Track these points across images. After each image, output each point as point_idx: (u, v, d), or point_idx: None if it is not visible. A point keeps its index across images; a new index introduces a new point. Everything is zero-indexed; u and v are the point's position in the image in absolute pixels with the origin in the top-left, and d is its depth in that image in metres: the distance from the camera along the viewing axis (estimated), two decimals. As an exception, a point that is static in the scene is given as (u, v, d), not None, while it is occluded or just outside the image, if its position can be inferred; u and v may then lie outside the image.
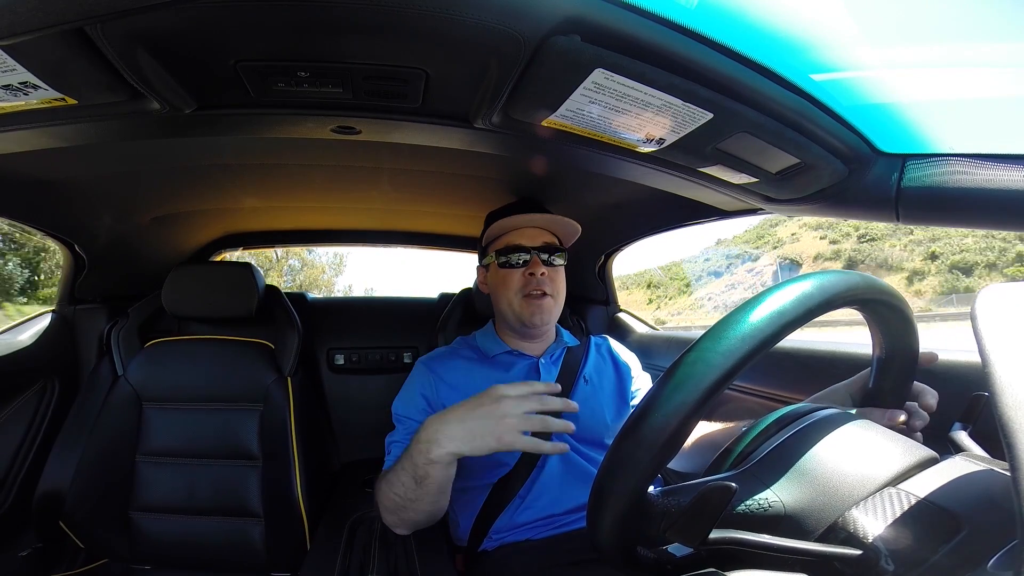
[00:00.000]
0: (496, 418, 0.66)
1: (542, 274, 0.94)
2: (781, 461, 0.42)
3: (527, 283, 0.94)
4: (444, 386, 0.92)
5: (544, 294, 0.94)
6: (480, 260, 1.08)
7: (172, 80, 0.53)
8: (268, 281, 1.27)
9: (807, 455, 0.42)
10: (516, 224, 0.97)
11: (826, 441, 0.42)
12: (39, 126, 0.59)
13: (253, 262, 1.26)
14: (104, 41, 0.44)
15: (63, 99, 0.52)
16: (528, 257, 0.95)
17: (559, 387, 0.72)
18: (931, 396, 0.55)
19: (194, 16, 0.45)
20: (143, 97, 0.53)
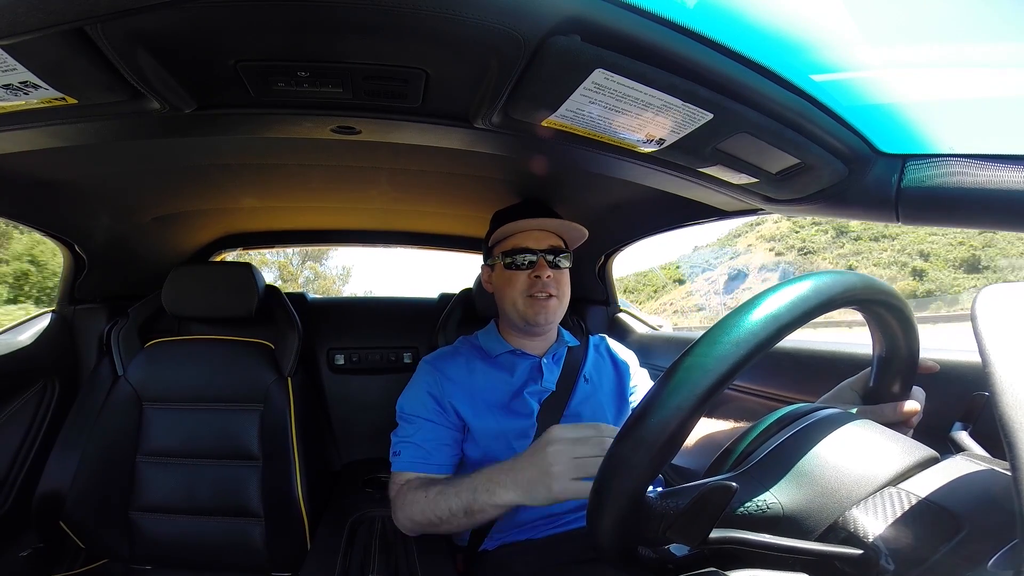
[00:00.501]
0: (543, 469, 0.64)
1: (548, 277, 0.94)
2: (780, 462, 0.42)
3: (532, 285, 0.95)
4: (450, 384, 0.93)
5: (550, 296, 0.95)
6: (485, 259, 1.08)
7: (172, 80, 0.53)
8: (288, 289, 1.26)
9: (807, 456, 0.42)
10: (524, 227, 0.98)
11: (826, 441, 0.42)
12: (39, 126, 0.59)
13: (276, 273, 1.26)
14: (104, 41, 0.44)
15: (63, 99, 0.51)
16: (534, 259, 0.95)
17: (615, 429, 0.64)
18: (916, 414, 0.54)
19: (194, 16, 0.45)
20: (143, 97, 0.53)
